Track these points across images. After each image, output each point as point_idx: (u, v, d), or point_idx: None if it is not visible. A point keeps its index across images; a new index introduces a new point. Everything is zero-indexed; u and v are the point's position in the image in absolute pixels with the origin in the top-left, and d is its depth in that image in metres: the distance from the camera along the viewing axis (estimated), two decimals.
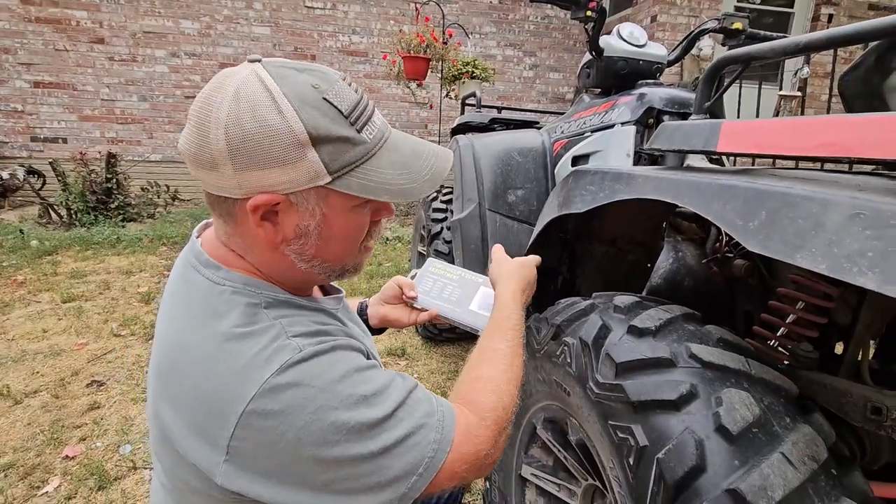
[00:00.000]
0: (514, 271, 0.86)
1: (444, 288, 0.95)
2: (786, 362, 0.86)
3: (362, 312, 0.96)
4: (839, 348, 0.90)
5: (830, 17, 4.87)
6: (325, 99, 0.53)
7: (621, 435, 0.65)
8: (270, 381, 0.51)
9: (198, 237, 0.65)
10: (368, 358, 0.63)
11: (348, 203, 0.58)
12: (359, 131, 0.55)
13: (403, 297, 0.93)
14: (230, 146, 0.51)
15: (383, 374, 0.60)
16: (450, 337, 2.49)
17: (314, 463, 0.53)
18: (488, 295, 0.91)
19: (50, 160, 5.14)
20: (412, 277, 0.98)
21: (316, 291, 0.76)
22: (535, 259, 0.92)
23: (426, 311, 0.92)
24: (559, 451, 0.95)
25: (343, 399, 0.53)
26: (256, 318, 0.56)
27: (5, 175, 5.26)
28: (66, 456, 1.64)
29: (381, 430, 0.55)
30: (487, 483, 1.19)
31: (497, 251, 0.93)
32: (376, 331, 0.98)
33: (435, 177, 0.62)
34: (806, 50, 0.65)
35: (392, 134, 0.62)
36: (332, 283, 0.80)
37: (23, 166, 5.47)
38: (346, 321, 0.72)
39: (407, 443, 0.56)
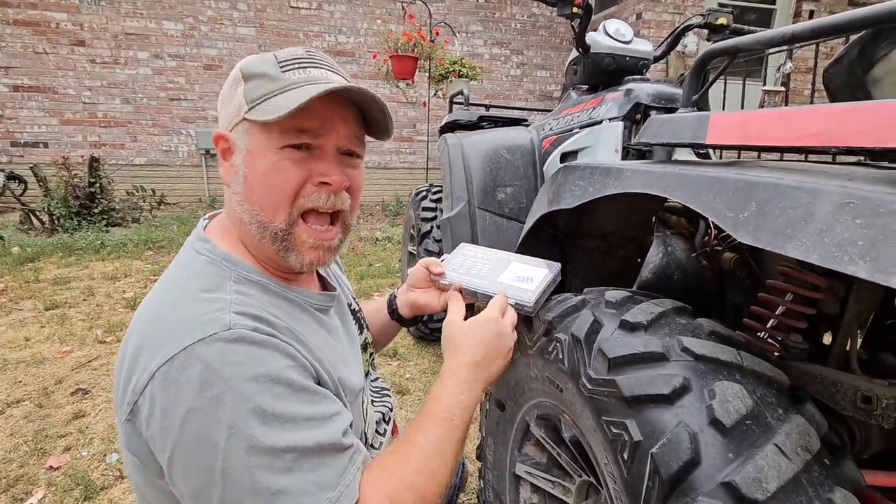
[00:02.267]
0: (466, 335, 0.71)
1: (473, 265, 0.91)
2: (776, 354, 0.86)
3: (391, 303, 0.94)
4: (827, 339, 0.90)
5: (811, 13, 4.94)
6: (273, 54, 0.62)
7: (615, 430, 0.65)
8: (191, 348, 0.51)
9: (206, 219, 0.69)
10: (318, 382, 0.58)
11: (266, 140, 0.59)
12: (283, 71, 0.60)
13: (431, 276, 0.88)
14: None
15: (309, 408, 0.54)
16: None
17: (187, 454, 0.50)
18: (521, 269, 0.87)
19: (31, 165, 5.04)
20: (442, 260, 0.94)
21: (312, 284, 0.74)
22: (498, 317, 0.73)
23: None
24: (553, 448, 0.94)
25: (241, 400, 0.49)
26: (220, 287, 0.58)
27: None
28: (51, 466, 1.60)
29: (260, 461, 0.49)
30: (481, 482, 1.18)
31: (452, 309, 0.76)
32: (409, 321, 0.94)
33: (311, 91, 0.57)
34: (792, 41, 0.65)
35: (331, 83, 0.60)
36: (328, 281, 0.79)
37: (3, 171, 5.36)
38: (326, 329, 0.68)
39: (278, 500, 0.49)
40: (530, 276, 0.88)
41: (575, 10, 1.54)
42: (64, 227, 4.61)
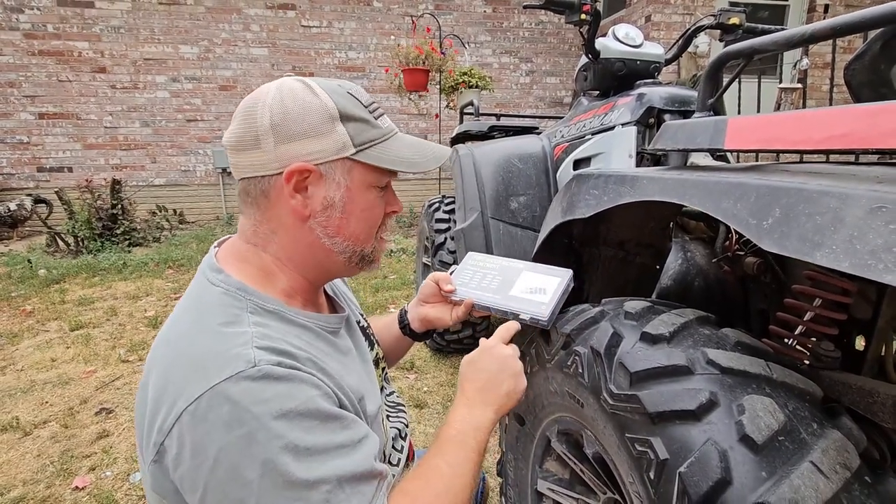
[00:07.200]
0: (470, 364, 0.76)
1: (483, 278, 0.90)
2: (806, 362, 0.83)
3: (402, 318, 0.94)
4: (860, 343, 0.86)
5: (826, 7, 4.84)
6: (348, 92, 0.64)
7: (640, 448, 0.62)
8: (218, 387, 0.50)
9: (216, 247, 0.69)
10: (341, 406, 0.59)
11: (368, 180, 0.65)
12: (376, 119, 0.66)
13: (441, 292, 0.89)
14: (273, 121, 0.60)
15: (339, 435, 0.55)
16: (458, 348, 2.46)
17: (220, 493, 0.50)
18: (533, 279, 0.87)
19: (56, 189, 5.20)
20: (451, 273, 0.93)
21: (324, 307, 0.75)
22: (494, 344, 0.77)
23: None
24: (575, 464, 0.91)
25: (272, 437, 0.50)
26: (238, 319, 0.58)
27: (13, 206, 5.33)
28: (76, 487, 1.62)
29: (297, 495, 0.50)
30: (503, 499, 1.15)
31: (483, 343, 0.80)
32: (421, 335, 0.95)
33: (439, 156, 0.71)
34: (811, 40, 0.63)
35: (398, 132, 0.71)
36: (337, 302, 0.79)
37: (30, 196, 5.53)
38: (341, 352, 0.69)
39: None
40: (542, 286, 0.87)
41: (583, 16, 1.53)
42: (88, 248, 4.73)
